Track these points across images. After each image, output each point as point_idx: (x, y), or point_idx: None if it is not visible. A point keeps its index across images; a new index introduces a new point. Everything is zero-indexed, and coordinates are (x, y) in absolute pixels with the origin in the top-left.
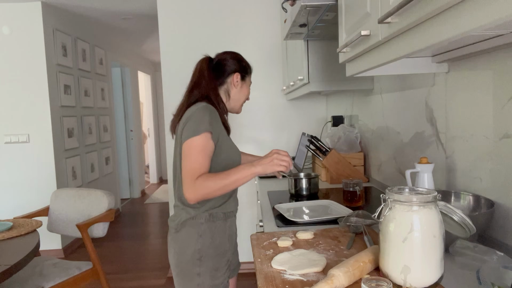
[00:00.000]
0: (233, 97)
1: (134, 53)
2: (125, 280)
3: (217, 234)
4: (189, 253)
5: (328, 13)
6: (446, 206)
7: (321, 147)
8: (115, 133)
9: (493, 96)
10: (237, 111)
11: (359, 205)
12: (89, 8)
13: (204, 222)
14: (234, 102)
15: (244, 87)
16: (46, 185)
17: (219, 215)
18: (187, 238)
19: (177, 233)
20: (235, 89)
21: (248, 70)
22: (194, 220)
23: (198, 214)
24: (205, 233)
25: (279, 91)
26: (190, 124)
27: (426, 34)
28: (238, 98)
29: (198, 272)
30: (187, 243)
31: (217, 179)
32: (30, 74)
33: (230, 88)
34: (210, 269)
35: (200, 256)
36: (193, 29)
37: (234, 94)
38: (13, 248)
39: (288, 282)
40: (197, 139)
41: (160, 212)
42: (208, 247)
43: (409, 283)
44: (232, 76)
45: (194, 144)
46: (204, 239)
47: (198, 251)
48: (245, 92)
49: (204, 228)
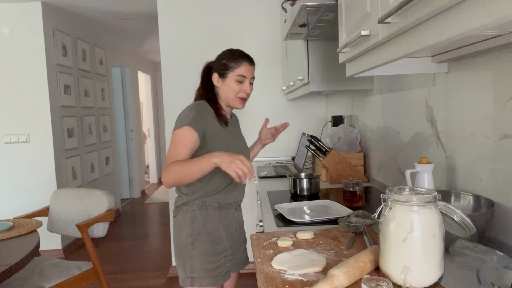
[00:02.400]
0: (221, 94)
1: (134, 53)
2: (125, 280)
3: (209, 221)
4: (183, 236)
5: (328, 13)
6: (446, 206)
7: (321, 147)
8: (115, 133)
9: (493, 96)
10: (235, 106)
11: (359, 205)
12: (89, 8)
13: (197, 209)
14: (224, 99)
15: (227, 83)
16: (46, 185)
17: (212, 205)
18: (181, 222)
19: (175, 217)
20: (219, 88)
21: (229, 65)
22: (187, 206)
23: (190, 201)
24: (196, 219)
25: (279, 91)
26: (178, 119)
27: (426, 34)
28: (225, 94)
29: (191, 255)
30: (182, 227)
31: (181, 165)
32: (30, 74)
33: (217, 87)
34: (202, 253)
35: (193, 240)
36: (193, 29)
37: (221, 92)
38: (13, 248)
39: (288, 282)
40: (179, 131)
41: (160, 212)
42: (199, 233)
43: (409, 283)
44: (213, 76)
45: (176, 135)
46: (195, 224)
47: (190, 235)
48: (231, 87)
49: (196, 214)
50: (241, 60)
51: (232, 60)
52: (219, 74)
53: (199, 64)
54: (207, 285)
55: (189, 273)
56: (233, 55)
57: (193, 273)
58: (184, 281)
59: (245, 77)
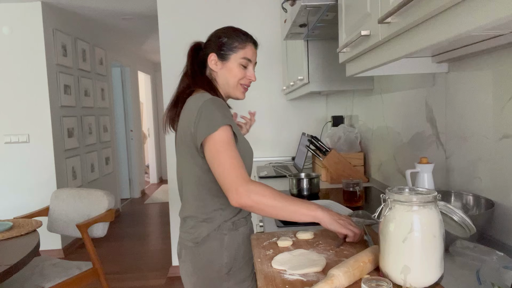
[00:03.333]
0: (219, 80)
1: (134, 53)
2: (125, 280)
3: (241, 242)
4: (215, 269)
5: (328, 13)
6: (446, 206)
7: (321, 147)
8: (115, 133)
9: (493, 96)
10: (235, 95)
11: (359, 205)
12: (89, 8)
13: (227, 233)
14: (223, 87)
15: (228, 66)
16: (46, 185)
17: (241, 222)
18: (211, 252)
19: (198, 248)
20: (215, 72)
21: (232, 45)
22: (217, 232)
23: (221, 224)
24: (229, 244)
25: (279, 91)
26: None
27: (426, 34)
28: (225, 81)
29: (227, 287)
30: (212, 258)
31: (277, 197)
32: (30, 74)
33: (212, 71)
34: (238, 281)
35: (228, 270)
36: (193, 29)
37: (219, 78)
38: (13, 248)
39: (288, 282)
40: (220, 134)
41: (160, 212)
42: (235, 259)
43: (409, 283)
44: (209, 57)
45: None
46: (229, 251)
47: (225, 265)
48: (233, 72)
49: (228, 239)
50: (247, 40)
51: (236, 40)
52: (218, 55)
53: None
54: None
55: None
56: (237, 33)
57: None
58: None
59: (251, 60)
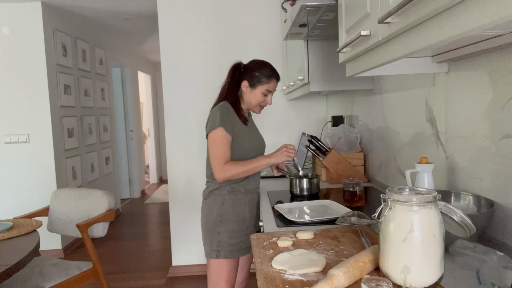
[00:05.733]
0: (245, 99)
1: (134, 53)
2: (125, 280)
3: (237, 203)
4: (213, 215)
5: (328, 13)
6: (446, 206)
7: (321, 147)
8: (115, 133)
9: (493, 96)
10: (254, 111)
11: (359, 205)
12: (89, 8)
13: (227, 193)
14: (247, 103)
15: (254, 92)
16: (46, 185)
17: (240, 190)
18: (212, 203)
19: (206, 200)
20: (245, 93)
21: (260, 79)
22: (219, 190)
23: (222, 186)
24: (226, 201)
25: (279, 91)
26: (208, 122)
27: (426, 34)
28: (249, 101)
29: (219, 231)
30: (213, 207)
31: (240, 165)
32: (30, 74)
33: (243, 91)
34: (228, 230)
35: (221, 219)
36: (193, 29)
37: (245, 97)
38: (13, 248)
39: (288, 282)
40: (215, 133)
41: (160, 212)
42: (228, 213)
43: (409, 283)
44: (243, 82)
45: (213, 137)
46: (225, 206)
47: (220, 215)
48: (256, 97)
49: (226, 197)
50: (273, 78)
51: (264, 76)
52: (249, 83)
53: (199, 64)
54: (229, 257)
55: (215, 247)
56: (266, 71)
57: (219, 246)
58: (210, 254)
59: (271, 91)
